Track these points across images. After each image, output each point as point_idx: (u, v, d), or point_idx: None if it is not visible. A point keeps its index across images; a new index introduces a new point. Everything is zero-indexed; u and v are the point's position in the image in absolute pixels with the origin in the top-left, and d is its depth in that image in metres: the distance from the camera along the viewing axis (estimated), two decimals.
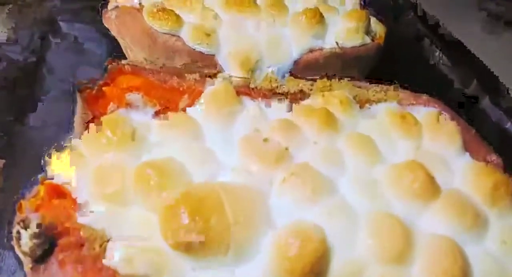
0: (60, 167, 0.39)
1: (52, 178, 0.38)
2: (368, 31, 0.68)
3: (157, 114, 0.45)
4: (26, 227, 0.34)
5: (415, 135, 0.44)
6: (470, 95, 0.83)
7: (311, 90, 0.51)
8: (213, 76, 0.49)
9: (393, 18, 1.04)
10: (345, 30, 0.65)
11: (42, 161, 0.40)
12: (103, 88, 0.43)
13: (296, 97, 0.49)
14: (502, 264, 0.37)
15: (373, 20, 0.71)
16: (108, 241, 0.35)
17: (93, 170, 0.38)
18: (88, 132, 0.41)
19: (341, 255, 0.35)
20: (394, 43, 0.93)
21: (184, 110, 0.45)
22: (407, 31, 1.01)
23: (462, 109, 0.78)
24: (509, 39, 1.19)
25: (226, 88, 0.46)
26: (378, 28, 0.71)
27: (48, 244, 0.34)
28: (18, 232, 0.34)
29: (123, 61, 0.45)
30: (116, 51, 0.73)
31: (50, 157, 0.40)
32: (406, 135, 0.44)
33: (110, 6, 0.67)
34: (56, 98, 0.74)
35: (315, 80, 0.52)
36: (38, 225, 0.34)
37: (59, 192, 0.38)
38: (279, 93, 0.49)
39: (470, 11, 1.30)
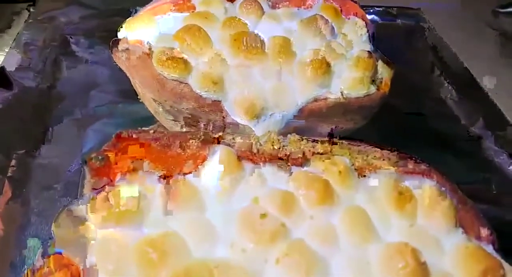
0: (67, 236, 0.41)
1: (60, 252, 0.40)
2: (374, 78, 0.68)
3: (161, 178, 0.46)
4: None
5: (410, 213, 0.46)
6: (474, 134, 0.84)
7: (312, 153, 0.52)
8: (217, 139, 0.50)
9: (404, 45, 1.05)
10: (351, 79, 0.66)
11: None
12: (108, 156, 0.45)
13: (297, 161, 0.50)
14: None
15: (380, 64, 0.71)
16: None
17: (97, 243, 0.40)
18: (95, 202, 0.43)
19: None
20: (403, 74, 0.94)
21: (188, 174, 0.47)
22: (418, 60, 1.01)
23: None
24: None
25: (229, 157, 0.47)
26: (384, 73, 0.71)
27: None
28: None
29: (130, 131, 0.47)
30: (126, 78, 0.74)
31: (58, 224, 0.42)
32: (401, 212, 0.45)
33: (120, 46, 0.69)
34: (67, 126, 0.76)
35: (316, 142, 0.53)
36: None
37: (64, 265, 0.40)
38: (280, 158, 0.50)
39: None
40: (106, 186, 0.44)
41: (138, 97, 0.74)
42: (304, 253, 0.41)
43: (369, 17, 1.05)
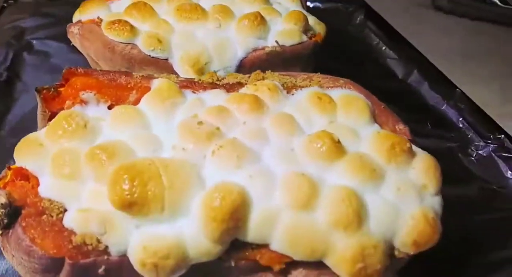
0: (25, 155, 0.47)
1: (19, 166, 0.45)
2: (306, 30, 0.76)
3: (109, 108, 0.52)
4: None
5: (330, 112, 0.52)
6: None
7: (246, 82, 0.59)
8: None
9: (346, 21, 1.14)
10: (285, 30, 0.74)
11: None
12: (59, 89, 0.51)
13: (233, 87, 0.57)
14: (396, 207, 0.44)
15: (313, 20, 0.80)
16: (65, 211, 0.43)
17: (52, 155, 0.46)
18: (51, 125, 0.48)
19: (259, 205, 0.42)
20: (343, 43, 1.03)
21: (133, 103, 0.53)
22: (358, 31, 1.10)
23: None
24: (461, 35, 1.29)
25: (168, 83, 0.53)
26: (318, 27, 0.80)
27: (13, 213, 0.41)
28: None
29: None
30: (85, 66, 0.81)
31: (16, 150, 0.48)
32: (322, 112, 0.52)
33: (74, 20, 0.75)
34: (31, 112, 0.81)
35: (250, 75, 0.60)
36: (5, 198, 0.41)
37: (23, 175, 0.45)
38: (218, 85, 0.57)
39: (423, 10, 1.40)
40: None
41: None
42: (236, 145, 0.47)
43: (310, 4, 1.16)
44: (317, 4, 1.20)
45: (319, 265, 0.43)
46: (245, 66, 0.72)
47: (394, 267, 0.45)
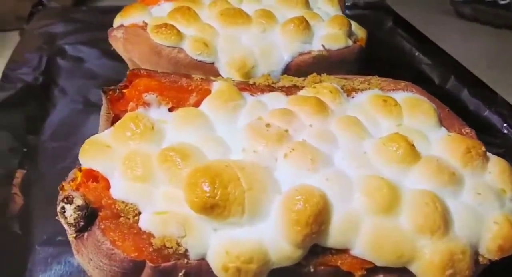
0: (92, 157, 0.45)
1: (88, 167, 0.44)
2: (350, 35, 0.76)
3: (170, 110, 0.51)
4: (70, 202, 0.40)
5: (396, 115, 0.51)
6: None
7: (303, 85, 0.58)
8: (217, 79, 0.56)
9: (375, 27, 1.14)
10: (330, 34, 0.73)
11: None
12: (123, 90, 0.50)
13: (291, 90, 0.56)
14: (477, 211, 0.43)
15: (354, 25, 0.79)
16: (140, 213, 0.41)
17: (122, 157, 0.44)
18: (113, 127, 0.47)
19: (340, 210, 0.41)
20: (377, 49, 1.03)
21: (193, 106, 0.52)
22: (389, 37, 1.10)
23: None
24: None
25: (229, 85, 0.53)
26: (359, 32, 0.79)
27: (90, 216, 0.39)
28: (63, 208, 0.40)
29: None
30: (122, 72, 0.80)
31: (83, 151, 0.47)
32: (388, 115, 0.51)
33: (115, 24, 0.75)
34: (70, 116, 0.80)
35: (306, 78, 0.59)
36: (81, 200, 0.40)
37: (94, 177, 0.44)
38: (275, 88, 0.56)
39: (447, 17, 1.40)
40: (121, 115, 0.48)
41: None
42: (308, 148, 0.46)
43: None
44: (345, 11, 1.20)
45: (401, 271, 0.41)
46: (290, 70, 0.72)
47: (474, 275, 0.44)
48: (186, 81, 0.53)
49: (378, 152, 0.46)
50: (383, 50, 1.04)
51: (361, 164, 0.45)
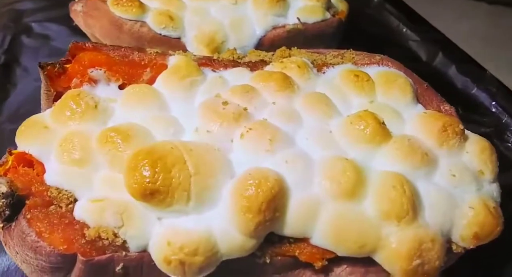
0: (28, 139, 0.41)
1: (22, 150, 0.40)
2: (329, 7, 0.71)
3: (122, 88, 0.47)
4: None
5: (368, 91, 0.47)
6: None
7: (271, 60, 0.53)
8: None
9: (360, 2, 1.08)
10: (306, 7, 0.68)
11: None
12: (65, 65, 0.45)
13: (257, 66, 0.51)
14: (451, 195, 0.39)
15: None
16: (75, 201, 0.37)
17: (59, 139, 0.40)
18: (53, 106, 0.43)
19: (298, 194, 0.37)
20: (362, 25, 0.97)
21: (147, 83, 0.47)
22: (376, 12, 1.04)
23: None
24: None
25: (187, 60, 0.48)
26: (340, 4, 0.74)
27: (16, 204, 0.35)
28: None
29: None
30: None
31: (19, 133, 0.42)
32: (360, 91, 0.47)
33: (77, 3, 0.69)
34: (31, 97, 0.75)
35: (274, 52, 0.54)
36: (6, 187, 0.35)
37: (27, 161, 0.40)
38: (240, 63, 0.51)
39: None
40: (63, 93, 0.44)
41: None
42: (267, 127, 0.41)
43: None
44: None
45: (366, 261, 0.38)
46: (263, 45, 0.67)
47: (445, 265, 0.40)
48: (138, 55, 0.48)
49: (345, 131, 0.42)
50: (368, 26, 0.98)
51: (326, 145, 0.41)
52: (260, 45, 0.66)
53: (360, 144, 0.41)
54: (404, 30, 0.98)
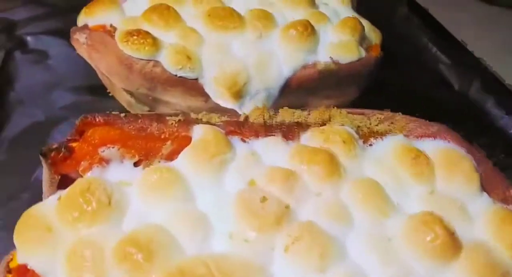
0: (29, 244, 0.34)
1: (22, 263, 0.33)
2: (362, 40, 0.63)
3: (136, 165, 0.40)
4: None
5: (428, 177, 0.40)
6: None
7: (308, 122, 0.46)
8: (200, 119, 0.43)
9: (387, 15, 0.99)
10: (340, 43, 0.60)
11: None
12: (72, 146, 0.38)
13: (292, 132, 0.44)
14: None
15: (367, 25, 0.66)
16: None
17: (67, 250, 0.33)
18: (58, 202, 0.35)
19: None
20: (387, 43, 0.89)
21: (167, 158, 0.40)
22: (402, 27, 0.96)
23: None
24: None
25: (215, 133, 0.41)
26: (373, 35, 0.66)
27: None
28: None
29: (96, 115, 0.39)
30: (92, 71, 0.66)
31: (19, 232, 0.35)
32: (418, 177, 0.40)
33: (79, 23, 0.61)
34: (29, 131, 0.67)
35: (311, 112, 0.47)
36: None
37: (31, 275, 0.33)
38: (272, 127, 0.44)
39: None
40: (73, 181, 0.36)
41: (108, 91, 0.67)
42: (315, 235, 0.35)
43: None
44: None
45: None
46: (291, 87, 0.59)
47: None
48: (158, 127, 0.41)
49: (407, 241, 0.35)
50: (394, 45, 0.90)
51: (385, 259, 0.35)
52: (287, 87, 0.59)
53: (427, 259, 0.34)
54: (433, 50, 0.90)
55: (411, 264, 0.35)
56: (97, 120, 0.39)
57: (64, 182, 0.38)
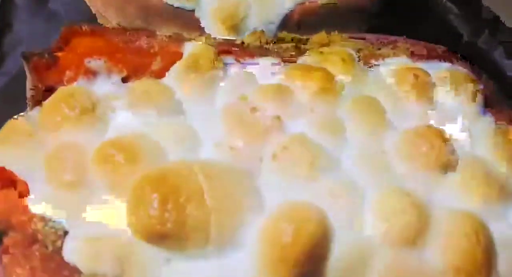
0: (10, 150, 0.33)
1: (2, 166, 0.32)
2: None
3: (124, 81, 0.38)
4: None
5: (429, 96, 0.38)
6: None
7: (306, 47, 0.44)
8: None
9: None
10: None
11: None
12: (56, 54, 0.36)
13: (290, 54, 0.42)
14: None
15: None
16: (65, 234, 0.30)
17: (48, 152, 0.32)
18: (41, 108, 0.34)
19: (344, 239, 0.30)
20: None
21: (157, 74, 0.39)
22: None
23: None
24: None
25: (207, 49, 0.39)
26: None
27: None
28: None
29: None
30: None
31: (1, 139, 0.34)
32: (419, 96, 0.38)
33: None
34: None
35: (310, 37, 0.45)
36: None
37: (8, 180, 0.32)
38: (269, 50, 0.42)
39: None
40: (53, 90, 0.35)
41: None
42: (306, 145, 0.33)
43: None
44: None
45: None
46: (290, 22, 0.56)
47: None
48: (147, 41, 0.40)
49: (402, 153, 0.34)
50: None
51: (378, 168, 0.33)
52: (288, 21, 0.56)
53: (422, 172, 0.33)
54: (443, 0, 0.87)
55: (404, 175, 0.33)
56: (83, 29, 0.38)
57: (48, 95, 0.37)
